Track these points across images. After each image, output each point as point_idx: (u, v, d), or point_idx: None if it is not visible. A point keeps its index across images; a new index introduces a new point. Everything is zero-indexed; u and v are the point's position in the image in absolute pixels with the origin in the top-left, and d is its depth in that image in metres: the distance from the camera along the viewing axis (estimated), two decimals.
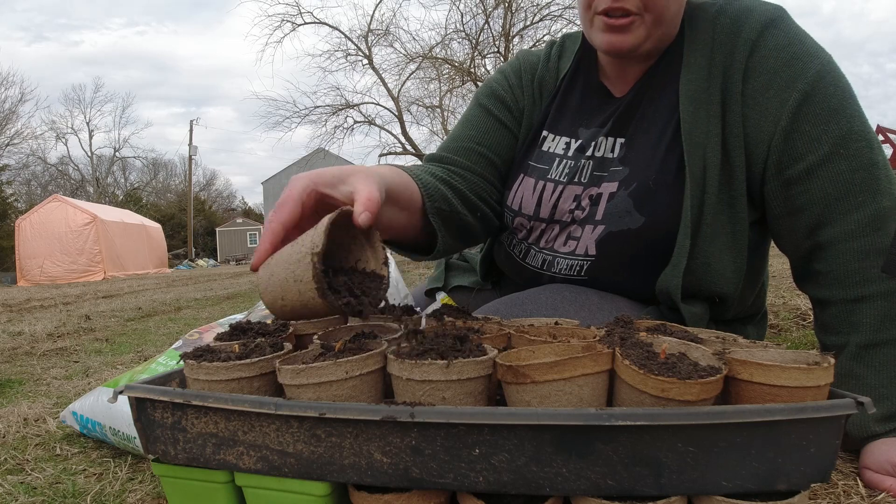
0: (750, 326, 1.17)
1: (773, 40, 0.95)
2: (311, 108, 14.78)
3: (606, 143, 1.07)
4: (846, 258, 0.91)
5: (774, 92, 0.94)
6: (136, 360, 2.10)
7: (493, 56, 13.95)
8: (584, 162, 1.08)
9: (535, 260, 1.12)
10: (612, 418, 0.57)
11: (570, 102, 1.14)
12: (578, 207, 1.06)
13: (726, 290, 1.01)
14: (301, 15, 14.31)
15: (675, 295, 0.98)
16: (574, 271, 1.07)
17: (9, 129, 28.60)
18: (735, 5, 1.00)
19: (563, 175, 1.09)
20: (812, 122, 0.92)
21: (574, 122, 1.12)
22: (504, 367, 0.64)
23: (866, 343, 0.89)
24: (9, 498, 0.89)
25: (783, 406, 0.59)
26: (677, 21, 1.02)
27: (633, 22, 0.96)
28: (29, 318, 3.92)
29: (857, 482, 0.82)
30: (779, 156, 0.94)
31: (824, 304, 0.96)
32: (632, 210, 1.00)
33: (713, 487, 0.60)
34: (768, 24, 0.96)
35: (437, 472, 0.62)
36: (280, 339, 0.80)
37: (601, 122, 1.09)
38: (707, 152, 0.97)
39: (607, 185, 1.03)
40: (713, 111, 0.97)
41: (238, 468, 0.68)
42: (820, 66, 0.93)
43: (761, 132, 0.95)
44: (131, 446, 1.03)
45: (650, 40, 0.99)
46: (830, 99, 0.92)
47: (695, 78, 0.99)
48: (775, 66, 0.94)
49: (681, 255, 0.97)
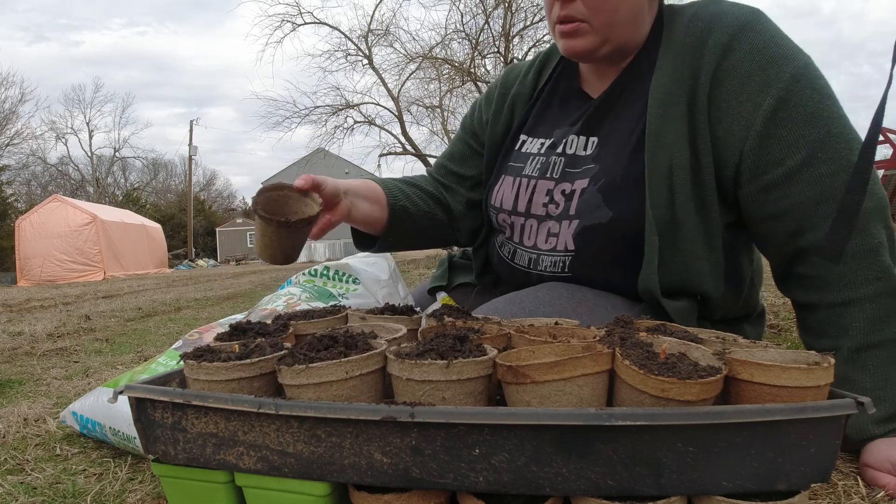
0: (747, 325, 1.17)
1: (747, 43, 0.95)
2: (311, 109, 14.77)
3: (578, 142, 1.11)
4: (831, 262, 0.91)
5: (748, 96, 0.94)
6: (136, 360, 2.10)
7: (493, 56, 13.95)
8: (555, 158, 1.12)
9: (523, 259, 1.16)
10: (612, 418, 0.57)
11: (551, 108, 1.20)
12: (552, 202, 1.10)
13: (707, 289, 1.02)
14: (301, 15, 14.30)
15: (656, 292, 0.99)
16: (558, 268, 1.10)
17: (9, 130, 28.62)
18: (710, 9, 1.01)
19: (535, 171, 1.14)
20: (789, 126, 0.92)
21: (552, 125, 1.18)
22: (504, 367, 0.64)
23: (858, 347, 0.88)
24: (9, 498, 0.89)
25: (783, 406, 0.59)
26: (639, 24, 1.04)
27: (580, 28, 1.01)
28: (29, 318, 3.92)
29: (857, 482, 0.82)
30: (754, 160, 0.94)
31: (810, 308, 0.96)
32: (601, 204, 1.03)
33: (713, 487, 0.60)
34: (742, 27, 0.96)
35: (437, 472, 0.62)
36: (280, 339, 0.80)
37: (573, 121, 1.14)
38: (674, 153, 0.97)
39: (580, 181, 1.07)
40: (682, 112, 0.98)
41: (238, 468, 0.68)
42: (795, 69, 0.93)
43: (732, 136, 0.95)
44: (131, 446, 1.03)
45: (608, 44, 1.03)
46: (807, 102, 0.91)
47: (664, 81, 1.00)
48: (749, 69, 0.94)
49: (652, 252, 0.98)
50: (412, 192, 1.26)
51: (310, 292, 1.27)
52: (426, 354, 0.65)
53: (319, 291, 1.28)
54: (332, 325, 0.88)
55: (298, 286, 1.32)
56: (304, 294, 1.25)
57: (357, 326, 0.85)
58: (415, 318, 0.91)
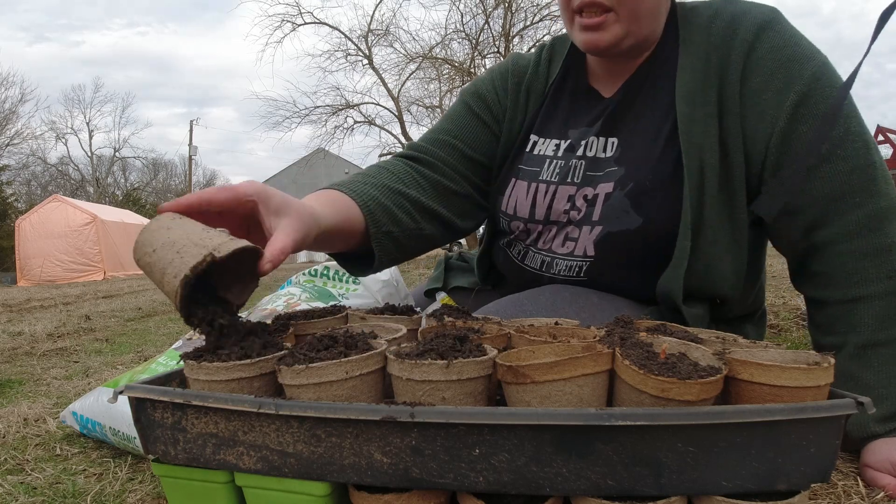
0: (749, 325, 1.17)
1: (769, 42, 0.96)
2: (311, 108, 14.78)
3: (598, 143, 1.07)
4: (843, 259, 0.91)
5: (772, 94, 0.94)
6: (136, 360, 2.10)
7: (493, 56, 13.95)
8: (576, 162, 1.08)
9: (534, 261, 1.12)
10: (612, 418, 0.57)
11: (560, 107, 1.15)
12: (574, 208, 1.06)
13: (727, 292, 1.01)
14: (301, 15, 14.32)
15: (677, 297, 0.98)
16: (573, 272, 1.07)
17: (9, 130, 28.61)
18: (730, 8, 1.01)
19: (554, 175, 1.09)
20: (810, 123, 0.92)
21: (563, 124, 1.13)
22: (504, 368, 0.64)
23: (864, 343, 0.89)
24: (9, 498, 0.89)
25: (783, 406, 0.59)
26: (658, 18, 1.02)
27: (607, 19, 0.97)
28: (29, 318, 3.92)
29: (857, 482, 0.82)
30: (777, 156, 0.94)
31: (821, 304, 0.96)
32: (629, 210, 1.00)
33: (713, 487, 0.60)
34: (764, 25, 0.97)
35: (437, 472, 0.62)
36: (280, 339, 0.80)
37: (590, 121, 1.10)
38: (704, 153, 0.97)
39: (603, 185, 1.03)
40: (710, 111, 0.97)
41: (238, 468, 0.68)
42: (816, 68, 0.93)
43: (759, 133, 0.95)
44: (131, 446, 1.03)
45: (630, 37, 0.99)
46: (827, 100, 0.92)
47: (690, 79, 0.99)
48: (772, 67, 0.95)
49: (681, 258, 0.97)
50: (393, 202, 1.03)
51: (310, 292, 1.27)
52: (426, 354, 0.65)
53: (320, 292, 1.28)
54: (332, 325, 0.88)
55: (298, 286, 1.32)
56: (304, 294, 1.26)
57: (357, 326, 0.85)
58: (415, 318, 0.91)
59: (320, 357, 0.67)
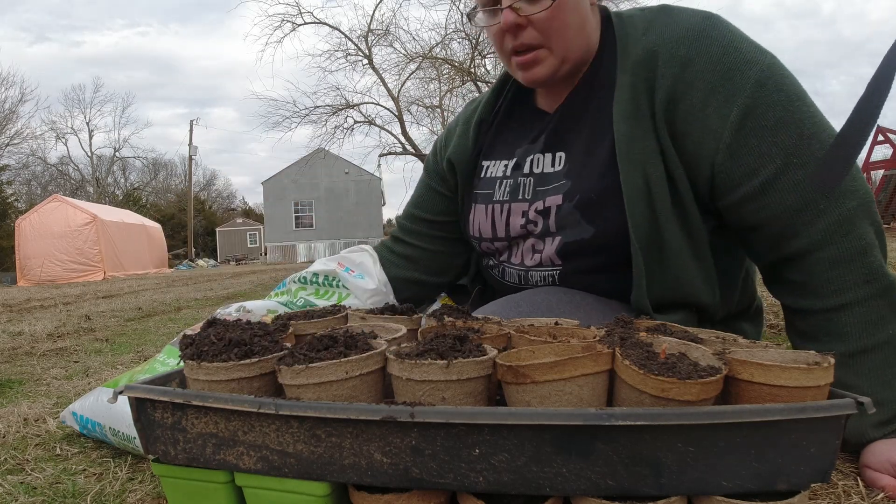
0: (744, 322, 1.16)
1: (706, 53, 0.92)
2: (312, 108, 14.76)
3: (545, 159, 1.09)
4: (818, 268, 0.89)
5: (714, 108, 0.91)
6: (136, 360, 2.10)
7: (492, 56, 13.92)
8: (523, 179, 1.10)
9: (512, 277, 1.16)
10: (612, 418, 0.57)
11: (508, 129, 1.19)
12: (529, 222, 1.08)
13: (703, 299, 1.01)
14: (301, 15, 14.29)
15: (648, 311, 0.98)
16: (548, 282, 1.09)
17: (9, 129, 28.62)
18: (662, 19, 0.98)
19: (505, 195, 1.13)
20: (759, 135, 0.89)
21: (511, 145, 1.16)
22: (504, 368, 0.64)
23: (852, 352, 0.87)
24: (9, 498, 0.89)
25: (783, 406, 0.59)
26: (589, 34, 1.03)
27: (539, 55, 1.00)
28: (29, 318, 3.92)
29: (857, 482, 0.82)
30: (728, 173, 0.92)
31: (801, 313, 0.95)
32: (581, 221, 1.01)
33: (713, 487, 0.60)
34: (698, 36, 0.93)
35: (437, 472, 0.62)
36: (280, 338, 0.80)
37: (532, 138, 1.12)
38: (648, 168, 0.95)
39: (551, 198, 1.05)
40: (647, 128, 0.95)
41: (238, 468, 0.68)
42: (759, 74, 0.90)
43: (703, 149, 0.93)
44: (131, 446, 1.03)
45: (566, 63, 1.02)
46: (775, 107, 0.89)
47: (628, 97, 0.97)
48: (712, 80, 0.91)
49: (640, 276, 0.97)
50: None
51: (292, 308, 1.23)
52: (426, 354, 0.65)
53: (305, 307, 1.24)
54: (332, 325, 0.88)
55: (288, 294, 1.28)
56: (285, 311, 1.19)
57: (357, 326, 0.85)
58: (415, 319, 0.91)
59: (320, 357, 0.67)
